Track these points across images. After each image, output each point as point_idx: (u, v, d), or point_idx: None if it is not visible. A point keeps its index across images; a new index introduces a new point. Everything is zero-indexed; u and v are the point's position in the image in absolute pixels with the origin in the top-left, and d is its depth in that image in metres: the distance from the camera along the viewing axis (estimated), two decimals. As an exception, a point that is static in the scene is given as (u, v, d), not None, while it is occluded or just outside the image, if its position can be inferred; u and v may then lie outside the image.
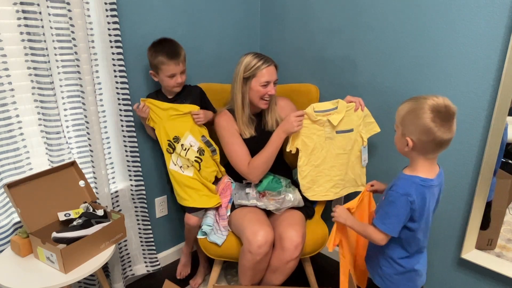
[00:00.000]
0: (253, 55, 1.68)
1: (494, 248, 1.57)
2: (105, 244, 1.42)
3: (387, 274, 1.27)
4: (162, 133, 1.72)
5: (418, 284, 1.28)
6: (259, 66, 1.64)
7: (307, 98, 2.01)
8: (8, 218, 1.48)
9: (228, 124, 1.74)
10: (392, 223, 1.17)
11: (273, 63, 1.69)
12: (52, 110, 1.48)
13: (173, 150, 1.72)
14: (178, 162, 1.73)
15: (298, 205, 1.70)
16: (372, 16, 1.73)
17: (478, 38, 1.44)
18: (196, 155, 1.72)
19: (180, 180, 1.72)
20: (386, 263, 1.27)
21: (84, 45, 1.48)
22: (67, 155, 1.56)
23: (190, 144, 1.71)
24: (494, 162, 1.47)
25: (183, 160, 1.72)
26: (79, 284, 1.74)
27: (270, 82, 1.67)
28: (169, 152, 1.73)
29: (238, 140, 1.72)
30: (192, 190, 1.72)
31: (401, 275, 1.25)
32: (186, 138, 1.71)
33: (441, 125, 1.08)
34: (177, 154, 1.71)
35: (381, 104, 1.78)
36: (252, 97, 1.69)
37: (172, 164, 1.73)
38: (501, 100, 1.39)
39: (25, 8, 1.35)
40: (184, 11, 1.89)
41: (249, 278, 1.57)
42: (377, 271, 1.30)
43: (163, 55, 1.61)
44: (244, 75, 1.67)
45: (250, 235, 1.50)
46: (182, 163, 1.72)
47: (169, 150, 1.73)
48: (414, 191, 1.14)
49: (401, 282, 1.26)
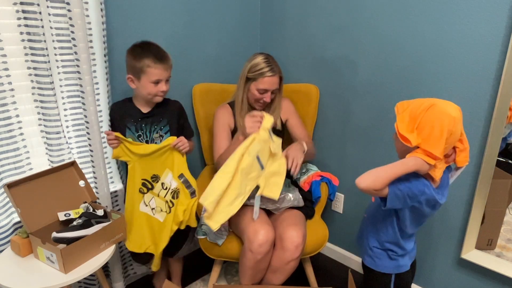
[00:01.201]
0: (264, 58, 1.69)
1: (494, 248, 1.57)
2: (105, 244, 1.42)
3: (377, 254, 1.29)
4: (137, 169, 1.52)
5: (403, 267, 1.30)
6: (263, 73, 1.66)
7: (307, 98, 2.01)
8: (8, 218, 1.48)
9: (222, 117, 1.80)
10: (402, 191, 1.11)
11: (278, 74, 1.70)
12: (52, 110, 1.48)
13: (148, 190, 1.54)
14: (151, 204, 1.54)
15: (298, 205, 1.70)
16: (372, 16, 1.73)
17: (478, 38, 1.44)
18: (170, 198, 1.55)
19: (148, 224, 1.56)
20: (377, 244, 1.29)
21: (84, 45, 1.48)
22: (67, 155, 1.56)
23: (170, 183, 1.53)
24: (494, 162, 1.47)
25: (159, 202, 1.53)
26: (79, 284, 1.74)
27: (268, 91, 1.68)
28: (142, 192, 1.54)
29: (223, 134, 1.78)
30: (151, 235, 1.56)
31: (388, 254, 1.28)
32: (167, 175, 1.52)
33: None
34: (153, 194, 1.54)
35: (381, 104, 1.78)
36: (249, 97, 1.74)
37: (143, 206, 1.54)
38: (501, 100, 1.39)
39: (25, 8, 1.35)
40: (184, 11, 1.89)
41: (249, 278, 1.57)
42: (367, 252, 1.32)
43: (151, 57, 1.45)
44: (248, 75, 1.69)
45: (251, 234, 1.51)
46: (156, 205, 1.54)
47: (142, 190, 1.53)
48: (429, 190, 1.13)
49: (386, 260, 1.29)
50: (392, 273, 1.29)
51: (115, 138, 1.50)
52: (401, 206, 1.15)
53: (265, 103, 1.74)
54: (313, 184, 1.77)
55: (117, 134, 1.50)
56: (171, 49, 1.85)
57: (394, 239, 1.25)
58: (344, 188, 2.05)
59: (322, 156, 2.10)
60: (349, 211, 2.09)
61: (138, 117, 1.58)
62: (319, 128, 2.08)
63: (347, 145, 1.99)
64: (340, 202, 2.11)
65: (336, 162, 2.06)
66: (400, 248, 1.27)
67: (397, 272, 1.29)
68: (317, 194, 1.75)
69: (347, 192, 2.07)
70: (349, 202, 2.08)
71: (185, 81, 1.97)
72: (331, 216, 2.17)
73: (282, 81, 1.76)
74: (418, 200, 1.13)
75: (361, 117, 1.89)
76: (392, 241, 1.26)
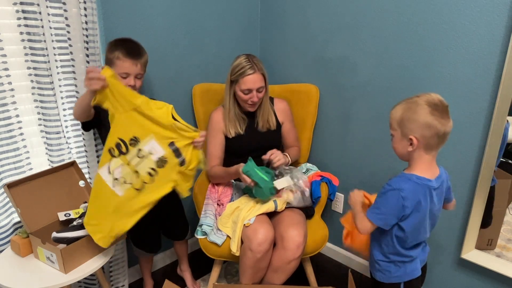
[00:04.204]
0: (244, 58, 1.68)
1: (494, 248, 1.57)
2: (105, 244, 1.42)
3: (385, 267, 1.28)
4: (118, 125, 1.28)
5: (414, 272, 1.29)
6: (242, 73, 1.65)
7: (307, 98, 2.01)
8: (8, 218, 1.48)
9: (215, 122, 1.80)
10: (379, 214, 1.18)
11: (259, 71, 1.67)
12: (52, 110, 1.48)
13: (120, 153, 1.29)
14: (116, 173, 1.30)
15: (298, 205, 1.70)
16: (372, 16, 1.73)
17: (478, 38, 1.44)
18: (153, 166, 1.30)
19: (101, 195, 1.32)
20: (382, 258, 1.28)
21: (80, 45, 1.48)
22: (67, 155, 1.56)
23: (149, 151, 1.30)
24: (494, 162, 1.47)
25: (126, 172, 1.30)
26: (79, 284, 1.74)
27: (252, 90, 1.67)
28: (111, 154, 1.30)
29: (215, 141, 1.79)
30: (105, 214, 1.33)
31: (395, 264, 1.27)
32: (148, 142, 1.29)
33: (441, 117, 1.10)
34: (123, 160, 1.30)
35: (381, 104, 1.78)
36: (238, 99, 1.74)
37: (105, 171, 1.30)
38: (501, 100, 1.39)
39: (25, 8, 1.35)
40: (184, 11, 1.89)
41: (249, 277, 1.57)
42: (375, 266, 1.31)
43: (121, 50, 1.44)
44: (231, 78, 1.71)
45: (251, 233, 1.51)
46: (122, 174, 1.30)
47: (113, 151, 1.30)
48: (408, 187, 1.14)
49: (397, 270, 1.27)
50: (401, 281, 1.26)
51: (100, 77, 1.21)
52: (396, 220, 1.18)
53: (254, 103, 1.73)
54: (313, 184, 1.77)
55: (105, 71, 1.24)
56: (171, 49, 1.87)
57: (396, 250, 1.24)
58: (344, 188, 2.05)
59: (322, 156, 2.10)
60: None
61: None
62: (319, 128, 2.08)
63: (347, 145, 1.99)
64: (340, 202, 2.10)
65: (336, 162, 2.06)
66: (404, 257, 1.25)
67: (408, 279, 1.26)
68: (317, 194, 1.75)
69: (347, 192, 2.05)
70: (349, 202, 2.08)
71: (185, 81, 1.97)
72: (331, 216, 2.17)
73: (267, 79, 1.73)
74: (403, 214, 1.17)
75: (361, 117, 1.89)
76: (394, 252, 1.24)
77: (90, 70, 1.22)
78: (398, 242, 1.22)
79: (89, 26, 1.48)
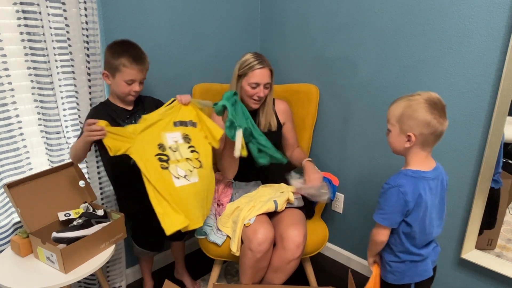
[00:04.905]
0: (252, 54, 1.69)
1: (494, 248, 1.57)
2: (105, 244, 1.42)
3: (396, 268, 1.27)
4: (142, 151, 1.40)
5: (425, 273, 1.28)
6: (252, 66, 1.66)
7: (307, 98, 2.01)
8: (8, 218, 1.48)
9: (215, 121, 1.75)
10: (384, 214, 1.19)
11: (268, 67, 1.69)
12: (52, 110, 1.48)
13: (168, 160, 1.43)
14: (180, 172, 1.42)
15: (298, 205, 1.70)
16: (372, 16, 1.73)
17: (478, 38, 1.44)
18: (186, 146, 1.46)
19: (187, 198, 1.45)
20: (393, 258, 1.27)
21: (81, 46, 1.48)
22: (67, 155, 1.56)
23: (174, 141, 1.44)
24: (494, 162, 1.47)
25: (184, 165, 1.44)
26: (79, 284, 1.74)
27: (260, 84, 1.68)
28: (165, 168, 1.41)
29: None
30: (192, 207, 1.47)
31: (407, 264, 1.26)
32: (166, 138, 1.44)
33: (439, 116, 1.12)
34: (174, 163, 1.43)
35: (381, 104, 1.78)
36: (242, 95, 1.72)
37: (177, 180, 1.41)
38: (501, 100, 1.39)
39: (25, 8, 1.35)
40: (184, 11, 1.89)
41: (249, 277, 1.57)
42: (386, 268, 1.30)
43: (128, 57, 1.45)
44: (239, 72, 1.70)
45: (250, 233, 1.51)
46: (186, 168, 1.44)
47: (164, 165, 1.41)
48: (406, 182, 1.16)
49: (408, 270, 1.27)
50: (412, 282, 1.26)
51: (100, 129, 1.33)
52: (401, 217, 1.19)
53: (260, 99, 1.72)
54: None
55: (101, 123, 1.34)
56: (171, 49, 1.87)
57: (405, 248, 1.23)
58: (344, 188, 2.05)
59: (322, 156, 2.10)
60: (349, 211, 2.09)
61: (126, 115, 1.57)
62: (319, 128, 2.08)
63: (347, 145, 1.99)
64: (340, 202, 2.11)
65: (336, 162, 2.06)
66: (415, 255, 1.24)
67: (419, 280, 1.26)
68: (317, 194, 1.75)
69: (347, 192, 2.07)
70: (349, 202, 2.08)
71: (185, 81, 1.97)
72: (331, 216, 2.17)
73: (273, 75, 1.73)
74: (408, 210, 1.18)
75: (361, 117, 1.89)
76: (404, 250, 1.24)
77: (92, 122, 1.34)
78: (406, 239, 1.22)
79: (90, 26, 1.48)
